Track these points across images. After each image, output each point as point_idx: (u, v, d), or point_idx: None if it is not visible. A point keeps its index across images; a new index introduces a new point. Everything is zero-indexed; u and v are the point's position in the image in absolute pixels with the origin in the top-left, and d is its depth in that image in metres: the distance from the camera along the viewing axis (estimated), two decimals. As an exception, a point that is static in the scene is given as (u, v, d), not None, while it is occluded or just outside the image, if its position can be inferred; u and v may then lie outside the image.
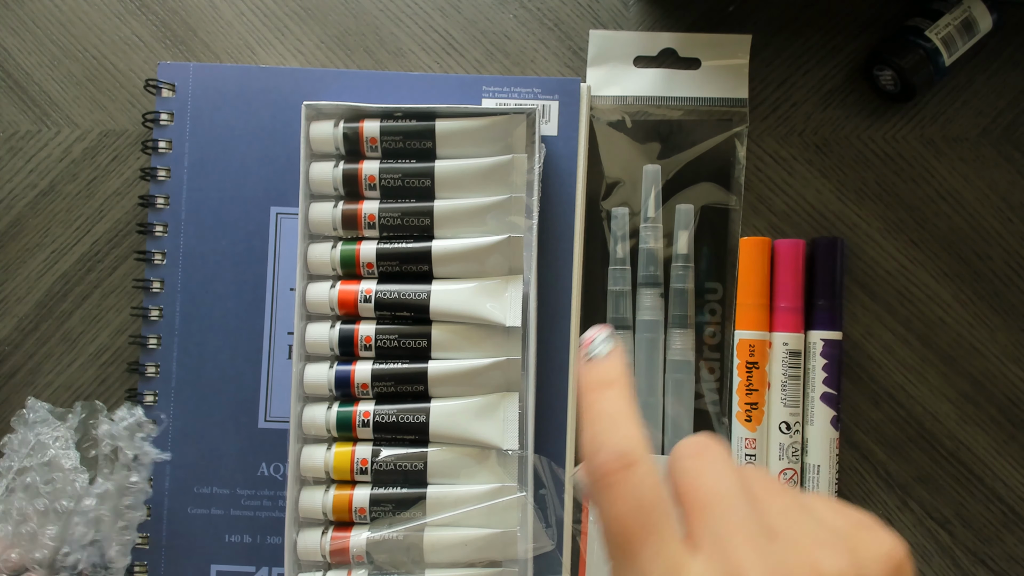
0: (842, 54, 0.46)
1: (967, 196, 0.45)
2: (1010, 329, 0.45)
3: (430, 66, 0.47)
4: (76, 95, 0.47)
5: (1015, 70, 0.45)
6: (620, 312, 0.44)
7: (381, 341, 0.42)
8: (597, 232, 0.45)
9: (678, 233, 0.44)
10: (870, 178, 0.46)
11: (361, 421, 0.42)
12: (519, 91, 0.45)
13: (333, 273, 0.44)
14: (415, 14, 0.47)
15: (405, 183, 0.43)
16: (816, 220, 0.46)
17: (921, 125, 0.46)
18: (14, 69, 0.47)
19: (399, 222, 0.43)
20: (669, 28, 0.46)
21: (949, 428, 0.44)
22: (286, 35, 0.47)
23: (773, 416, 0.43)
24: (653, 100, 0.46)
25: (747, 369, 0.43)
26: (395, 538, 0.41)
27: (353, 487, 0.42)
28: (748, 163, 0.46)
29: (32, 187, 0.46)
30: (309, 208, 0.43)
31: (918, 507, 0.44)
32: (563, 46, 0.47)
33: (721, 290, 0.45)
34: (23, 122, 0.47)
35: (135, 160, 0.46)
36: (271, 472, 0.44)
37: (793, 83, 0.46)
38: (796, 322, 0.43)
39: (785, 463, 0.43)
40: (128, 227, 0.46)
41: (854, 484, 0.44)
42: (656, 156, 0.45)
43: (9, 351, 0.46)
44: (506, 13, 0.47)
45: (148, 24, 0.47)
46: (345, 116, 0.44)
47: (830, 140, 0.46)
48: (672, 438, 0.44)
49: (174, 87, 0.46)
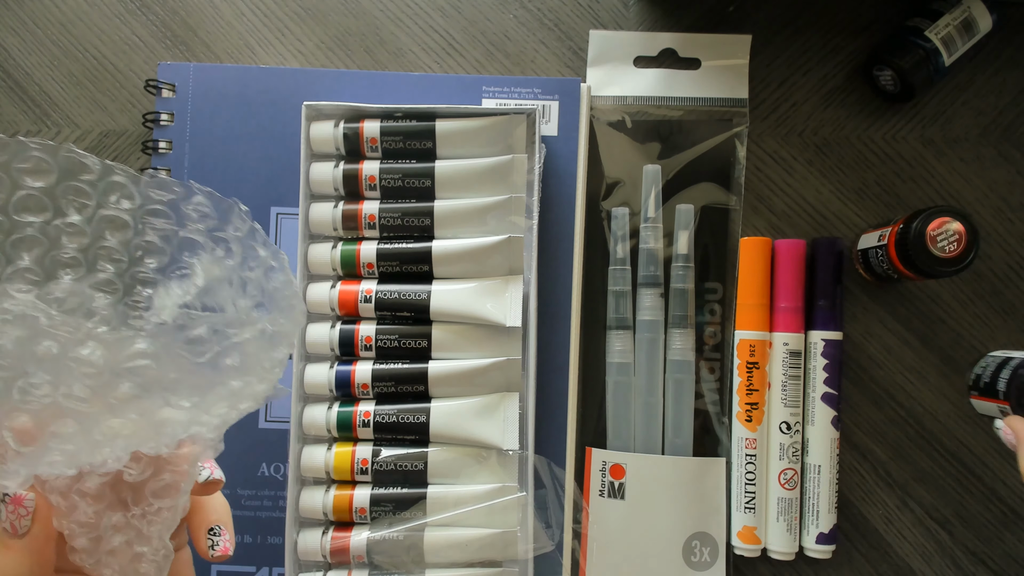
0: (842, 54, 0.46)
1: (967, 196, 0.45)
2: (1010, 329, 0.45)
3: (430, 66, 0.47)
4: (76, 95, 0.47)
5: (1015, 70, 0.45)
6: (620, 312, 0.44)
7: (381, 341, 0.42)
8: (597, 232, 0.45)
9: (678, 233, 0.44)
10: (870, 178, 0.46)
11: (361, 421, 0.42)
12: (519, 91, 0.45)
13: (333, 273, 0.44)
14: (415, 14, 0.47)
15: (405, 183, 0.43)
16: (816, 220, 0.46)
17: (921, 125, 0.46)
18: (14, 69, 0.47)
19: (399, 222, 0.43)
20: (669, 28, 0.46)
21: (949, 428, 0.44)
22: (286, 35, 0.47)
23: (773, 416, 0.43)
24: (653, 100, 0.46)
25: (747, 369, 0.43)
26: (395, 538, 0.41)
27: (353, 487, 0.42)
28: (748, 163, 0.46)
29: (32, 187, 0.46)
30: (309, 208, 0.43)
31: (918, 507, 0.44)
32: (563, 46, 0.47)
33: (721, 290, 0.45)
34: (23, 122, 0.47)
35: (135, 160, 0.46)
36: (271, 472, 0.44)
37: (793, 83, 0.46)
38: (796, 322, 0.43)
39: (785, 463, 0.43)
40: (128, 227, 0.46)
41: (854, 484, 0.44)
42: (656, 156, 0.45)
43: (9, 351, 0.46)
44: (506, 13, 0.47)
45: (148, 24, 0.47)
46: (345, 116, 0.44)
47: (830, 140, 0.46)
48: (672, 438, 0.44)
49: (174, 87, 0.46)
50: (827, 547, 0.43)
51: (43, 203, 0.28)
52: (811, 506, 0.43)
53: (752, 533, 0.43)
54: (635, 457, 0.43)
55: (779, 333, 0.43)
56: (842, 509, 0.44)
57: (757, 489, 0.43)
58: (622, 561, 0.43)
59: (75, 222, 0.29)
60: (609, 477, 0.43)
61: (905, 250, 0.39)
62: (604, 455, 0.44)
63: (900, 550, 0.44)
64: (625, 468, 0.43)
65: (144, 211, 0.30)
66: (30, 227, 0.28)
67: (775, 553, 0.43)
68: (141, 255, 0.30)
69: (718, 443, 0.44)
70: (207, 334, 0.27)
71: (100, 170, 0.29)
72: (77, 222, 0.29)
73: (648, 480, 0.43)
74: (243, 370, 0.27)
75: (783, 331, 0.43)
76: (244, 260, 0.30)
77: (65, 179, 0.29)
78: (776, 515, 0.43)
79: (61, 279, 0.28)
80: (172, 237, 0.30)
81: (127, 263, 0.30)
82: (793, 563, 0.44)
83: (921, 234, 0.39)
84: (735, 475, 0.43)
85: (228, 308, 0.29)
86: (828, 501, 0.42)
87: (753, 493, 0.43)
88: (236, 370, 0.27)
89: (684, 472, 0.43)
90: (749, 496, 0.43)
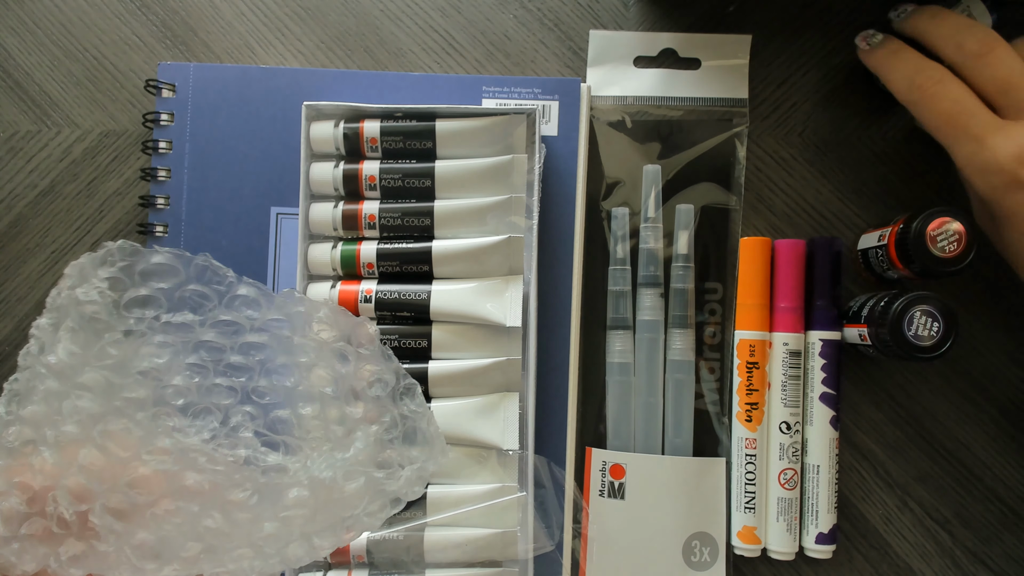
0: (842, 54, 0.46)
1: (967, 196, 0.45)
2: (1010, 329, 0.45)
3: (430, 66, 0.47)
4: (76, 95, 0.47)
5: (1015, 70, 0.45)
6: (620, 312, 0.44)
7: (382, 341, 0.42)
8: (597, 232, 0.45)
9: (678, 233, 0.44)
10: (870, 178, 0.46)
11: (361, 421, 0.42)
12: (519, 91, 0.45)
13: (333, 273, 0.44)
14: (415, 14, 0.47)
15: (405, 183, 0.43)
16: (816, 220, 0.46)
17: (921, 125, 0.46)
18: (14, 69, 0.47)
19: (399, 222, 0.43)
20: (669, 28, 0.46)
21: (949, 428, 0.44)
22: (286, 35, 0.47)
23: (773, 416, 0.43)
24: (653, 100, 0.46)
25: (747, 369, 0.43)
26: (395, 538, 0.41)
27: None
28: (748, 163, 0.46)
29: (32, 187, 0.46)
30: (309, 208, 0.43)
31: (918, 507, 0.44)
32: (563, 46, 0.47)
33: (721, 290, 0.45)
34: (23, 122, 0.47)
35: (135, 160, 0.46)
36: (271, 472, 0.44)
37: (793, 83, 0.46)
38: (796, 322, 0.43)
39: (785, 463, 0.43)
40: (128, 227, 0.46)
41: (854, 484, 0.44)
42: (656, 156, 0.45)
43: (9, 351, 0.46)
44: (506, 13, 0.47)
45: (148, 24, 0.47)
46: (345, 116, 0.44)
47: (830, 140, 0.46)
48: (672, 438, 0.44)
49: (174, 87, 0.46)
50: (827, 547, 0.43)
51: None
52: (811, 506, 0.43)
53: (752, 533, 0.43)
54: (635, 457, 0.43)
55: (779, 333, 0.43)
56: (842, 509, 0.44)
57: (757, 489, 0.43)
58: (622, 561, 0.43)
59: (186, 320, 0.31)
60: (609, 477, 0.43)
61: (905, 250, 0.39)
62: (604, 455, 0.44)
63: (900, 550, 0.44)
64: (625, 468, 0.43)
65: (266, 320, 0.31)
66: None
67: (775, 553, 0.43)
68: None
69: (718, 443, 0.44)
70: (363, 488, 0.28)
71: (230, 283, 0.31)
72: (189, 320, 0.31)
73: (648, 480, 0.43)
74: (378, 510, 0.29)
75: (783, 331, 0.43)
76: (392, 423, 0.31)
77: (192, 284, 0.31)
78: (776, 515, 0.43)
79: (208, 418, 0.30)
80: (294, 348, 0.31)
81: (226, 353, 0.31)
82: (793, 563, 0.44)
83: (921, 234, 0.39)
84: (735, 475, 0.43)
85: (376, 458, 0.30)
86: (828, 501, 0.42)
87: (753, 493, 0.43)
88: (372, 511, 0.29)
89: (684, 472, 0.43)
90: (749, 496, 0.43)
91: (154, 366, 0.30)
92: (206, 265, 0.31)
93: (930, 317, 0.39)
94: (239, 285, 0.31)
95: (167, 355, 0.30)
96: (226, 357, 0.31)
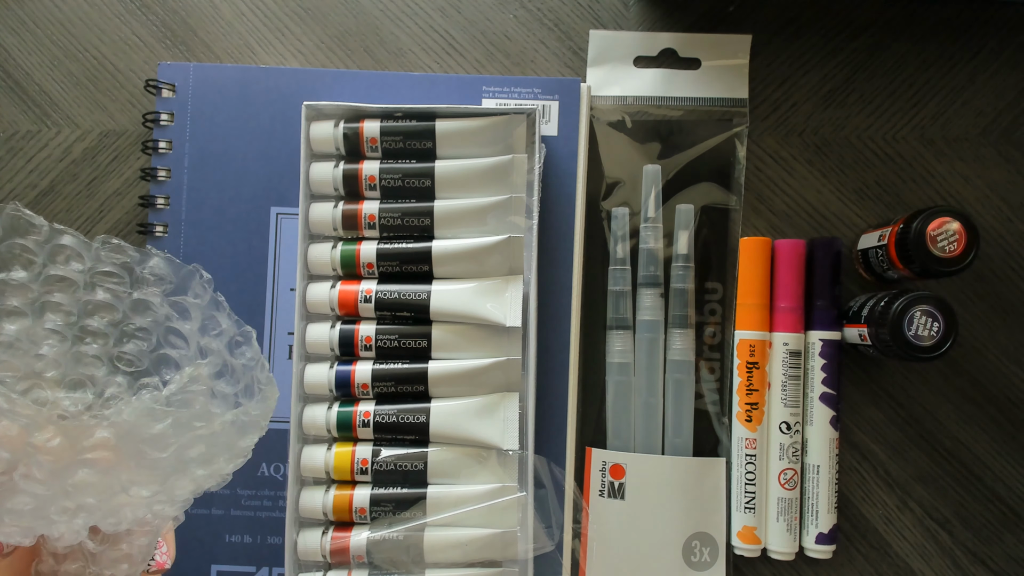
0: (842, 54, 0.46)
1: (967, 196, 0.45)
2: (1010, 329, 0.45)
3: (430, 66, 0.47)
4: (76, 95, 0.47)
5: (1015, 70, 0.45)
6: (620, 312, 0.44)
7: (381, 341, 0.42)
8: (597, 232, 0.45)
9: (678, 233, 0.44)
10: (870, 178, 0.46)
11: (361, 421, 0.42)
12: (519, 91, 0.45)
13: (333, 273, 0.44)
14: (415, 14, 0.47)
15: (405, 183, 0.43)
16: (816, 220, 0.46)
17: (921, 125, 0.46)
18: (14, 69, 0.47)
19: (399, 222, 0.43)
20: (669, 28, 0.46)
21: (949, 428, 0.44)
22: (286, 35, 0.47)
23: (773, 416, 0.43)
24: (653, 100, 0.46)
25: (747, 369, 0.43)
26: (395, 538, 0.41)
27: (353, 487, 0.42)
28: (748, 163, 0.46)
29: (32, 187, 0.46)
30: (309, 208, 0.43)
31: (918, 507, 0.44)
32: (563, 46, 0.47)
33: (721, 290, 0.45)
34: (23, 122, 0.47)
35: (135, 160, 0.46)
36: (271, 472, 0.44)
37: (793, 83, 0.46)
38: (796, 322, 0.43)
39: (785, 463, 0.43)
40: (128, 227, 0.46)
41: (854, 484, 0.44)
42: (656, 156, 0.45)
43: (9, 351, 0.46)
44: (506, 13, 0.47)
45: (148, 24, 0.47)
46: (345, 116, 0.44)
47: (830, 140, 0.46)
48: (672, 438, 0.44)
49: (174, 87, 0.46)
50: (827, 547, 0.43)
51: None
52: (811, 506, 0.43)
53: (752, 533, 0.43)
54: (635, 457, 0.43)
55: (779, 333, 0.43)
56: (842, 509, 0.44)
57: (757, 489, 0.43)
58: (622, 561, 0.43)
59: (19, 278, 0.29)
60: (609, 477, 0.43)
61: (905, 250, 0.39)
62: (604, 455, 0.44)
63: (900, 550, 0.44)
64: (625, 468, 0.43)
65: (95, 272, 0.30)
66: None
67: (775, 553, 0.43)
68: (123, 333, 0.31)
69: (718, 443, 0.44)
70: (171, 429, 0.26)
71: (47, 232, 0.30)
72: (23, 279, 0.29)
73: (648, 480, 0.43)
74: (208, 459, 0.27)
75: (783, 331, 0.43)
76: (204, 327, 0.30)
77: (10, 237, 0.29)
78: (776, 515, 0.43)
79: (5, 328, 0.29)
80: (124, 298, 0.31)
81: (77, 317, 0.30)
82: (793, 563, 0.44)
83: (921, 234, 0.39)
84: (735, 475, 0.43)
85: (196, 402, 0.29)
86: (828, 501, 0.42)
87: (753, 493, 0.43)
88: (202, 459, 0.27)
89: (684, 472, 0.43)
90: (749, 496, 0.43)
91: (10, 334, 0.29)
92: (16, 214, 0.30)
93: (930, 317, 0.39)
94: (60, 235, 0.30)
95: (20, 321, 0.29)
96: (80, 320, 0.30)
